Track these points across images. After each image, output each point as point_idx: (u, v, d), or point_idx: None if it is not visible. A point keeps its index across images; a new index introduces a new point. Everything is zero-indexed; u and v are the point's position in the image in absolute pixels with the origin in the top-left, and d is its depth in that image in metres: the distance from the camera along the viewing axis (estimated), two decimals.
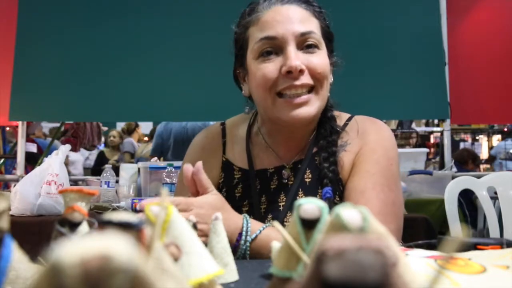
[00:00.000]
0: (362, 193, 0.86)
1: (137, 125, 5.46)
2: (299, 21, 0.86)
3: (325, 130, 0.94)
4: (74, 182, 2.86)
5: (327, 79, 0.90)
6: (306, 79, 0.85)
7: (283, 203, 0.93)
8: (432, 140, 6.67)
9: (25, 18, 2.66)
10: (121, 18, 2.64)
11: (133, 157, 5.09)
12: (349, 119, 0.98)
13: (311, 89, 0.87)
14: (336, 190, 0.90)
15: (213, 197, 0.78)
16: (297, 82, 0.84)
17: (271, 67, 0.86)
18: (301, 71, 0.84)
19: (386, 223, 0.88)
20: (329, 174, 0.90)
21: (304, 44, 0.86)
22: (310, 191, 0.92)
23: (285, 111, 0.86)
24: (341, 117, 0.99)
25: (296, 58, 0.84)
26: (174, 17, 2.64)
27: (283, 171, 0.95)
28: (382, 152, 0.90)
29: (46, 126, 5.76)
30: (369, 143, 0.91)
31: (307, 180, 0.93)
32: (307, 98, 0.86)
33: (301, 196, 0.92)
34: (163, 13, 2.64)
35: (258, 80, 0.87)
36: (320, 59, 0.87)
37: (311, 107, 0.86)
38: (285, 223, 0.90)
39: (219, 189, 1.00)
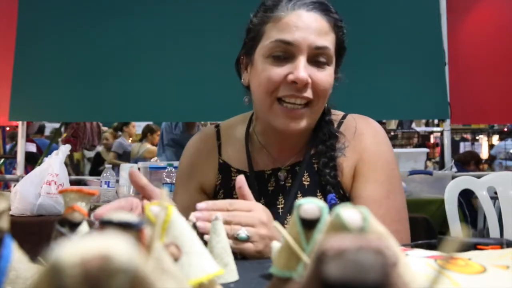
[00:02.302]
0: (379, 203, 0.89)
1: (125, 123, 5.30)
2: (318, 33, 0.85)
3: (324, 134, 0.94)
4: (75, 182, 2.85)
5: (326, 96, 0.90)
6: (307, 93, 0.85)
7: (282, 206, 0.93)
8: (432, 140, 6.67)
9: (25, 18, 2.66)
10: (121, 18, 2.64)
11: (120, 157, 5.05)
12: (343, 118, 0.99)
13: (308, 102, 0.87)
14: (337, 194, 0.91)
15: (263, 207, 0.76)
16: (299, 94, 0.85)
17: (278, 72, 0.85)
18: (305, 85, 0.84)
19: (405, 228, 0.92)
20: (331, 179, 0.91)
21: (316, 58, 0.86)
22: (309, 194, 0.92)
23: (279, 119, 0.87)
24: (335, 115, 0.99)
25: (305, 70, 0.83)
26: (174, 17, 2.64)
27: (279, 173, 0.95)
28: (384, 158, 0.93)
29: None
30: (369, 149, 0.93)
31: (305, 183, 0.94)
32: (302, 113, 0.86)
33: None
34: (163, 14, 2.64)
35: (261, 80, 0.87)
36: (326, 76, 0.87)
37: (303, 121, 0.87)
38: (285, 226, 0.89)
39: (216, 191, 1.00)
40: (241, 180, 0.75)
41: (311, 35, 0.85)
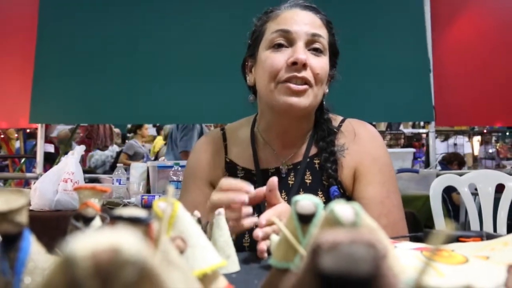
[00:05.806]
0: (382, 203, 0.90)
1: (139, 126, 5.21)
2: (312, 24, 0.90)
3: (323, 131, 0.95)
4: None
5: (323, 83, 0.91)
6: (306, 74, 0.87)
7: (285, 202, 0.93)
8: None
9: (45, 24, 2.64)
10: (139, 21, 2.61)
11: (131, 158, 5.03)
12: (342, 121, 0.99)
13: (308, 84, 0.88)
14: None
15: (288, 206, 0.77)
16: (299, 74, 0.86)
17: (279, 58, 0.87)
18: (304, 66, 0.86)
19: (405, 224, 0.92)
20: (332, 173, 0.91)
21: (312, 45, 0.89)
22: (310, 192, 0.92)
23: (281, 97, 0.87)
24: (335, 119, 1.00)
25: (303, 53, 0.86)
26: (191, 21, 2.60)
27: (280, 166, 0.95)
28: (382, 160, 0.94)
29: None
30: (369, 153, 0.93)
31: (308, 181, 0.93)
32: (305, 88, 0.86)
33: None
34: (180, 16, 2.61)
35: (265, 67, 0.89)
36: (320, 63, 0.89)
37: (305, 98, 0.87)
38: None
39: None
40: (273, 184, 0.74)
41: (306, 25, 0.89)
